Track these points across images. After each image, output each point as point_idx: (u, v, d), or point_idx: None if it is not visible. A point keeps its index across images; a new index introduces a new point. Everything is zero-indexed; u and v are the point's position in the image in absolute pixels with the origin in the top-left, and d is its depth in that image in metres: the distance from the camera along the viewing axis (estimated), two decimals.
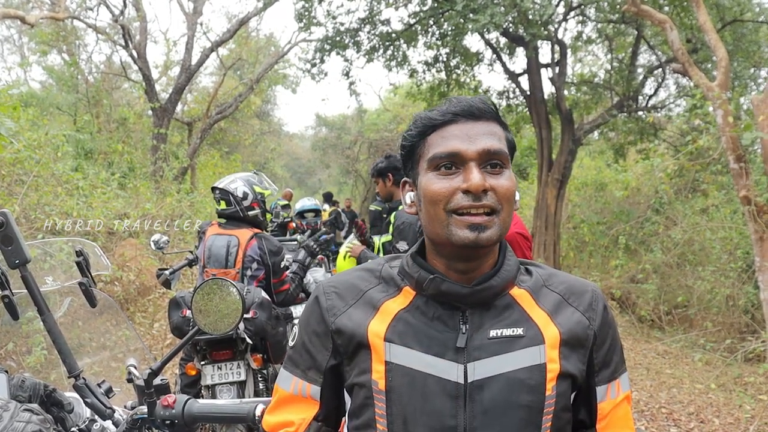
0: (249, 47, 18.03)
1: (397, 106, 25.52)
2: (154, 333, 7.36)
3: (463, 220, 1.14)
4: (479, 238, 1.13)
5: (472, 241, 1.13)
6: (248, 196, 4.05)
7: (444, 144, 1.17)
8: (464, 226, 1.14)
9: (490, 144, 1.16)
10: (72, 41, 15.09)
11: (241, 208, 4.04)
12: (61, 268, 2.18)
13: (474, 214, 1.14)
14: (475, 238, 1.13)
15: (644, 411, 5.77)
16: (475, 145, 1.15)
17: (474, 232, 1.13)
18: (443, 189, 1.16)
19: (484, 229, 1.13)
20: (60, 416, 1.59)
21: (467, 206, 1.13)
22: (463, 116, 1.18)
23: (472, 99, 1.20)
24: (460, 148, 1.15)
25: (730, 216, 9.14)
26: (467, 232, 1.13)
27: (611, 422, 1.27)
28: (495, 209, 1.14)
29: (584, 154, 17.21)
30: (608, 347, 1.26)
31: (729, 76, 6.88)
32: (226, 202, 4.05)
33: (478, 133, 1.17)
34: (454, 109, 1.18)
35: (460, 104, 1.19)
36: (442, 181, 1.16)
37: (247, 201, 4.05)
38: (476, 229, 1.13)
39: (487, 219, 1.14)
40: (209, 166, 17.34)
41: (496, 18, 8.52)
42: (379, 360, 1.19)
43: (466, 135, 1.17)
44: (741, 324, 7.96)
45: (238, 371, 3.72)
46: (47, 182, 7.34)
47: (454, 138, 1.17)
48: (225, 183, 4.10)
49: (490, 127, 1.19)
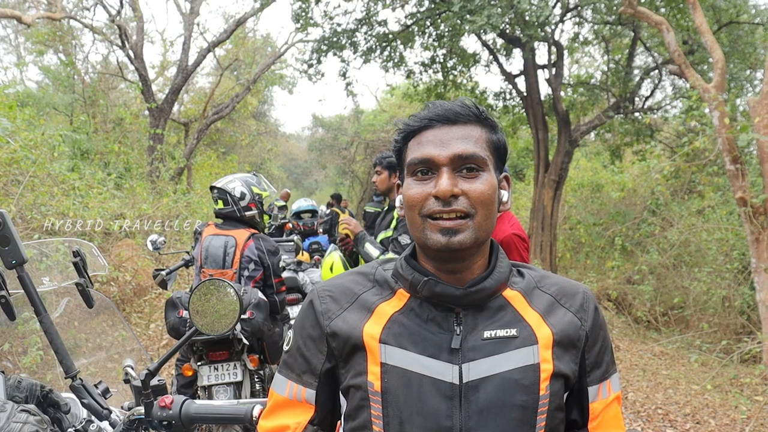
0: (246, 48, 18.00)
1: (394, 107, 25.53)
2: (151, 333, 7.35)
3: (435, 224, 1.16)
4: (450, 242, 1.15)
5: (444, 245, 1.16)
6: (246, 196, 4.05)
7: (419, 150, 1.20)
8: (436, 230, 1.16)
9: (463, 148, 1.17)
10: (68, 41, 15.04)
11: (238, 208, 4.04)
12: (57, 269, 2.17)
13: (446, 219, 1.16)
14: (446, 242, 1.15)
15: (640, 412, 5.78)
16: (447, 150, 1.17)
17: (445, 236, 1.15)
18: (417, 195, 1.18)
19: (456, 233, 1.15)
20: (57, 417, 1.59)
21: (438, 211, 1.16)
22: (439, 121, 1.20)
23: (451, 103, 1.21)
24: (432, 154, 1.18)
25: (726, 217, 9.16)
26: (439, 236, 1.16)
27: (602, 422, 1.29)
28: (468, 213, 1.16)
29: (581, 156, 17.23)
30: (599, 348, 1.28)
31: (725, 78, 6.90)
32: (223, 202, 4.05)
33: (452, 137, 1.18)
34: (430, 115, 1.21)
35: (436, 109, 1.21)
36: (417, 186, 1.19)
37: (244, 201, 4.05)
38: (447, 233, 1.15)
39: (459, 223, 1.16)
40: (206, 167, 17.31)
41: (492, 19, 8.52)
42: (374, 362, 1.20)
43: (439, 140, 1.19)
44: (737, 325, 7.98)
45: (234, 372, 3.72)
46: (43, 182, 7.32)
47: (429, 144, 1.19)
48: (223, 182, 4.10)
49: (466, 130, 1.20)
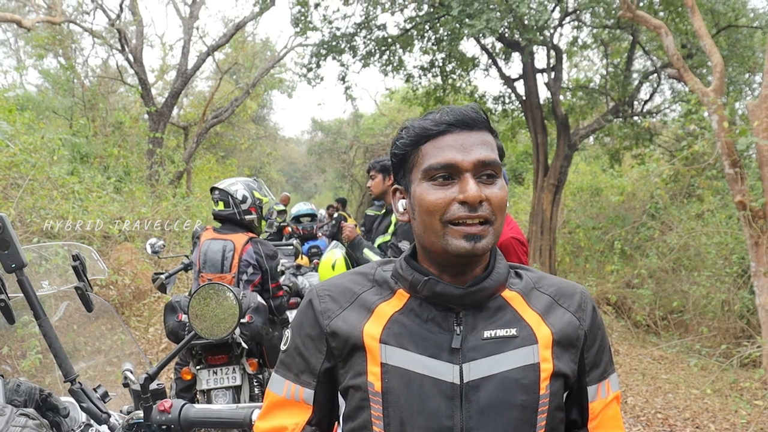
0: (245, 52, 18.01)
1: (393, 110, 25.57)
2: (149, 337, 7.34)
3: (459, 230, 1.16)
4: (475, 247, 1.15)
5: (469, 251, 1.15)
6: (247, 200, 4.06)
7: (440, 155, 1.18)
8: (460, 236, 1.16)
9: (485, 154, 1.17)
10: (68, 45, 15.05)
11: (238, 210, 4.04)
12: (56, 272, 2.17)
13: (470, 224, 1.16)
14: (471, 247, 1.15)
15: (640, 416, 5.77)
16: (470, 155, 1.17)
17: (470, 242, 1.15)
18: (439, 200, 1.17)
19: (480, 239, 1.16)
20: (56, 421, 1.59)
21: (464, 217, 1.15)
22: (458, 126, 1.19)
23: (465, 108, 1.21)
24: (456, 159, 1.17)
25: (726, 221, 9.17)
26: (463, 242, 1.15)
27: (602, 422, 1.30)
28: (489, 219, 1.17)
29: (580, 159, 17.24)
30: (598, 347, 1.29)
31: (724, 82, 6.91)
32: (224, 204, 4.05)
33: (472, 143, 1.18)
34: (449, 119, 1.19)
35: (455, 114, 1.19)
36: (437, 191, 1.18)
37: (245, 204, 4.05)
38: (472, 239, 1.15)
39: (482, 228, 1.16)
40: (205, 171, 17.31)
41: (491, 23, 8.53)
42: (374, 362, 1.20)
43: (461, 145, 1.18)
44: (737, 329, 7.98)
45: (233, 376, 3.71)
46: (43, 186, 7.32)
47: (450, 148, 1.18)
48: (226, 184, 4.10)
49: (483, 136, 1.20)
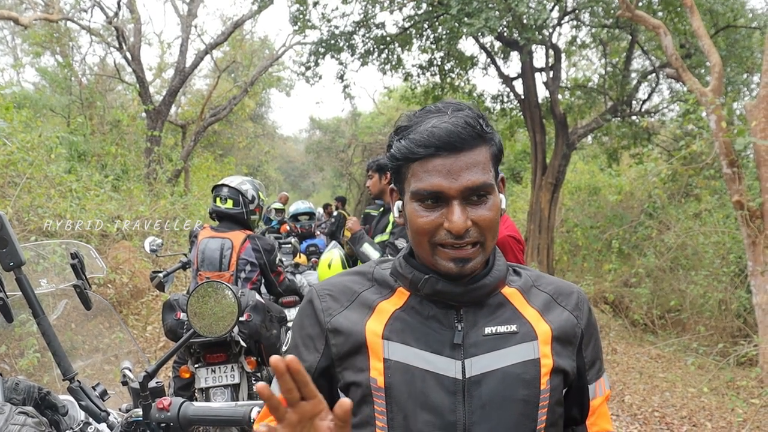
0: (243, 50, 17.99)
1: (392, 109, 25.54)
2: (147, 336, 7.34)
3: (447, 253, 1.16)
4: (463, 269, 1.16)
5: (457, 273, 1.17)
6: (255, 200, 4.10)
7: (426, 179, 1.15)
8: (449, 259, 1.16)
9: (473, 179, 1.14)
10: (65, 43, 15.00)
11: (247, 210, 4.06)
12: (54, 271, 2.17)
13: (458, 248, 1.15)
14: (459, 270, 1.16)
15: (637, 415, 5.78)
16: (457, 182, 1.13)
17: (458, 264, 1.16)
18: (427, 223, 1.16)
19: (468, 261, 1.16)
20: (54, 419, 1.59)
21: (450, 243, 1.15)
22: (445, 149, 1.13)
23: (455, 124, 1.14)
24: (443, 186, 1.13)
25: (723, 220, 9.19)
26: (451, 264, 1.16)
27: (598, 418, 1.34)
28: (478, 241, 1.16)
29: (578, 159, 17.25)
30: (593, 346, 1.32)
31: (722, 82, 6.92)
32: (234, 202, 4.05)
33: (461, 167, 1.14)
34: (436, 142, 1.13)
35: (442, 134, 1.13)
36: (426, 215, 1.16)
37: (253, 204, 4.10)
38: (460, 262, 1.16)
39: (471, 252, 1.16)
40: (203, 169, 17.30)
41: (490, 22, 8.54)
42: (377, 358, 1.20)
43: (447, 171, 1.13)
44: (733, 328, 7.99)
45: (232, 374, 3.71)
46: (40, 184, 7.31)
47: (436, 174, 1.14)
48: (236, 183, 4.11)
49: (473, 156, 1.15)
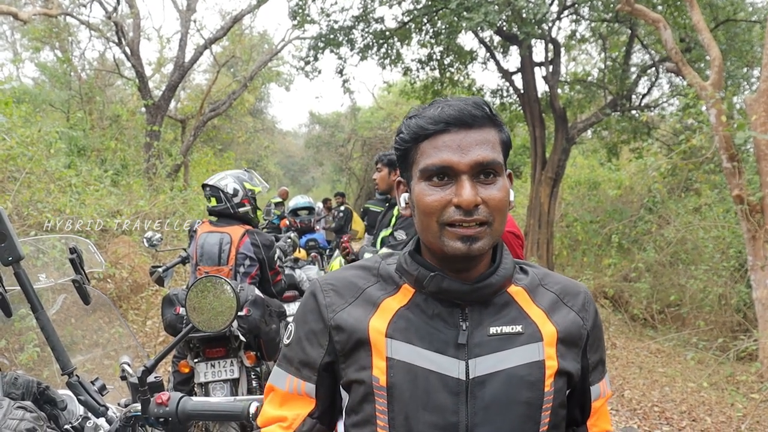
0: (243, 44, 17.98)
1: (391, 104, 25.55)
2: (147, 330, 7.34)
3: (455, 232, 1.14)
4: (471, 249, 1.14)
5: (464, 252, 1.14)
6: (239, 192, 4.06)
7: (436, 155, 1.15)
8: (456, 238, 1.14)
9: (483, 155, 1.14)
10: (65, 38, 14.99)
11: (231, 204, 4.04)
12: (53, 265, 2.17)
13: (466, 227, 1.13)
14: (467, 249, 1.14)
15: (637, 409, 5.79)
16: (467, 156, 1.13)
17: (466, 243, 1.14)
18: (435, 201, 1.15)
19: (476, 241, 1.14)
20: (53, 414, 1.59)
21: (459, 220, 1.13)
22: (456, 125, 1.14)
23: (465, 104, 1.16)
24: (452, 160, 1.13)
25: (723, 215, 9.17)
26: (459, 243, 1.14)
27: (598, 419, 1.34)
28: (486, 221, 1.14)
29: (577, 153, 17.24)
30: (598, 348, 1.30)
31: (722, 76, 6.91)
32: (216, 199, 4.05)
33: (470, 143, 1.14)
34: (446, 117, 1.15)
35: (452, 111, 1.15)
36: (434, 192, 1.15)
37: (237, 198, 4.05)
38: (468, 241, 1.14)
39: (479, 230, 1.14)
40: (202, 164, 17.29)
41: (490, 16, 8.52)
42: (380, 356, 1.19)
43: (458, 146, 1.14)
44: (733, 323, 8.00)
45: (231, 369, 3.71)
46: (40, 179, 7.30)
47: (446, 149, 1.14)
48: (215, 180, 4.10)
49: (483, 134, 1.16)
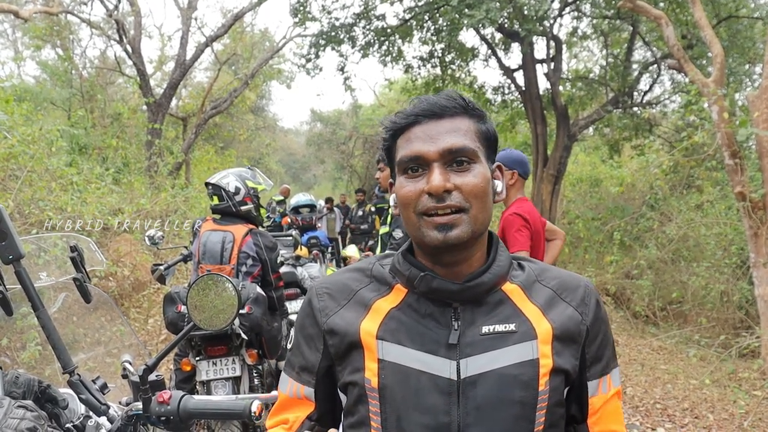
0: (244, 42, 17.97)
1: (392, 101, 25.52)
2: (149, 328, 7.35)
3: (431, 221, 1.15)
4: (447, 237, 1.14)
5: (441, 241, 1.14)
6: (240, 191, 4.04)
7: (408, 147, 1.18)
8: (432, 227, 1.15)
9: (452, 142, 1.15)
10: (66, 36, 15.00)
11: (233, 203, 4.03)
12: (55, 264, 2.17)
13: (440, 215, 1.14)
14: (443, 238, 1.14)
15: (639, 407, 5.78)
16: (436, 145, 1.15)
17: (441, 232, 1.14)
18: (410, 192, 1.17)
19: (451, 228, 1.14)
20: (54, 412, 1.59)
21: (432, 208, 1.14)
22: (425, 116, 1.18)
23: (437, 97, 1.20)
24: (422, 150, 1.16)
25: (725, 212, 9.16)
26: (435, 232, 1.14)
27: (602, 417, 1.27)
28: (462, 208, 1.14)
29: (579, 150, 17.22)
30: (600, 342, 1.26)
31: (724, 72, 6.89)
32: (218, 198, 4.04)
33: (440, 132, 1.17)
34: (416, 110, 1.19)
35: (422, 104, 1.19)
36: (409, 184, 1.18)
37: (239, 196, 4.04)
38: (443, 229, 1.14)
39: (453, 218, 1.14)
40: (204, 162, 17.29)
41: (491, 13, 8.52)
42: (371, 358, 1.19)
43: (428, 136, 1.17)
44: (735, 320, 7.99)
45: (233, 367, 3.71)
46: (41, 177, 7.30)
47: (417, 140, 1.17)
48: (217, 178, 4.09)
49: (454, 123, 1.18)
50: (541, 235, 3.77)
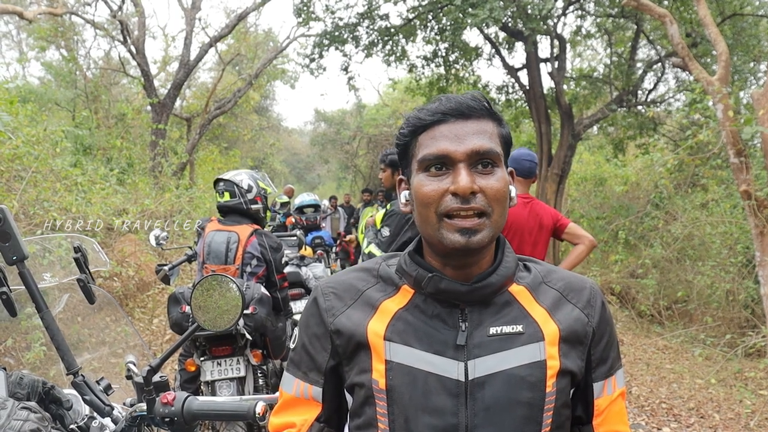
0: (247, 42, 17.97)
1: (396, 101, 25.53)
2: (153, 329, 7.36)
3: (454, 224, 1.13)
4: (470, 242, 1.12)
5: (463, 245, 1.13)
6: (252, 189, 4.06)
7: (433, 145, 1.16)
8: (455, 230, 1.13)
9: (480, 144, 1.14)
10: (70, 37, 15.06)
11: (245, 200, 4.04)
12: (59, 264, 2.17)
13: (464, 217, 1.13)
14: (465, 242, 1.12)
15: (644, 406, 5.77)
16: (464, 145, 1.14)
17: (464, 236, 1.12)
18: (433, 191, 1.15)
19: (475, 233, 1.13)
20: (59, 413, 1.59)
21: (456, 209, 1.12)
22: (453, 115, 1.16)
23: (463, 96, 1.18)
24: (449, 149, 1.14)
25: (730, 211, 9.13)
26: (458, 236, 1.13)
27: (607, 418, 1.28)
28: (485, 212, 1.13)
29: (583, 149, 17.19)
30: (605, 344, 1.26)
31: (729, 71, 6.86)
32: (230, 194, 4.04)
33: (467, 132, 1.15)
34: (444, 109, 1.17)
35: (450, 103, 1.17)
36: (432, 182, 1.16)
37: (251, 194, 4.06)
38: (467, 234, 1.12)
39: (478, 222, 1.13)
40: (208, 162, 17.32)
41: (495, 12, 8.50)
42: (379, 359, 1.19)
43: (455, 135, 1.15)
44: (741, 319, 7.96)
45: (237, 367, 3.72)
46: (46, 178, 7.31)
47: (443, 138, 1.15)
48: (230, 175, 4.11)
49: (480, 125, 1.17)
50: (533, 235, 3.77)
